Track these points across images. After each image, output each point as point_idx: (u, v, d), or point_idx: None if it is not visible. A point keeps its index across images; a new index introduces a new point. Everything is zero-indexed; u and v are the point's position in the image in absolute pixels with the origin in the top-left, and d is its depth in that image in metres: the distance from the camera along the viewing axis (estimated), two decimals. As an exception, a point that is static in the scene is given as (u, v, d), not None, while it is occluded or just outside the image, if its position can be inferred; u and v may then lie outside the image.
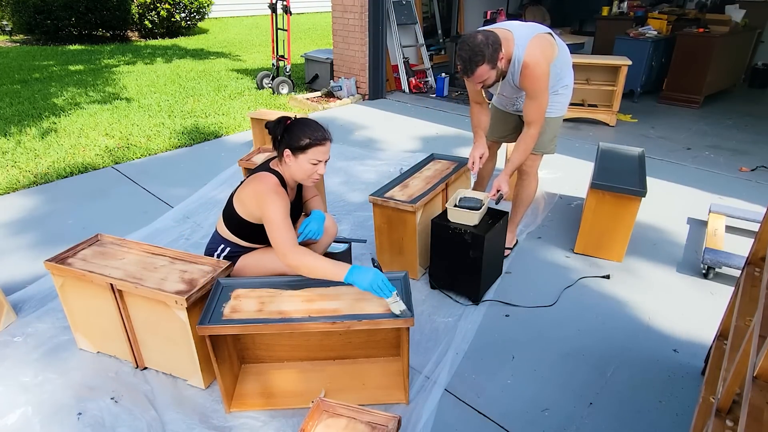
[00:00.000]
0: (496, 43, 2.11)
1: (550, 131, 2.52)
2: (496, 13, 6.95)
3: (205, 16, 11.05)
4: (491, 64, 2.12)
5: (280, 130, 1.92)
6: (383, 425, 1.59)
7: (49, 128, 4.78)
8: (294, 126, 1.92)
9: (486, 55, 2.08)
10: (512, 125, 2.72)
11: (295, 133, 1.91)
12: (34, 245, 2.93)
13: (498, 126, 2.75)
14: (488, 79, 2.19)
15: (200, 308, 1.80)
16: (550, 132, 2.53)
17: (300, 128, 1.91)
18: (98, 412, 1.83)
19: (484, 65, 2.10)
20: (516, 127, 2.70)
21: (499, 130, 2.77)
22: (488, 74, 2.15)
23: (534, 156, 2.60)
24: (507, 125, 2.73)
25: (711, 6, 6.58)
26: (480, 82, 2.20)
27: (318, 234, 2.12)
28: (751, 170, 3.98)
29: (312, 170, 1.94)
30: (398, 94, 6.43)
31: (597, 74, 5.08)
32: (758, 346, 1.05)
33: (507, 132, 2.75)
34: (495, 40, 2.11)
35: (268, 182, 1.93)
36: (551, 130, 2.53)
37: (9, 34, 9.98)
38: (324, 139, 1.92)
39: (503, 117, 2.72)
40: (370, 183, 3.74)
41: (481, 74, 2.14)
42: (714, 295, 2.50)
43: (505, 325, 2.30)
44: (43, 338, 2.20)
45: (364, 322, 1.68)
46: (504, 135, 2.78)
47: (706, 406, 1.55)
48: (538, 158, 2.63)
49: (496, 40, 2.11)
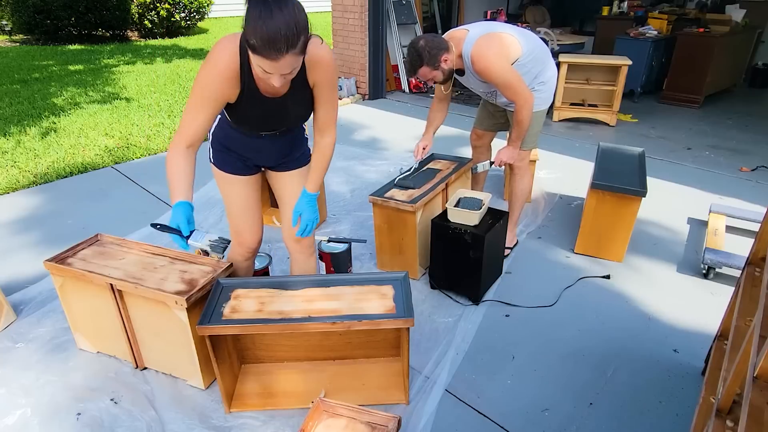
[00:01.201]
0: (435, 48, 2.31)
1: (533, 126, 2.59)
2: (496, 12, 6.94)
3: (205, 15, 11.04)
4: (431, 65, 2.33)
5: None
6: (383, 425, 1.59)
7: (48, 128, 4.78)
8: (249, 9, 1.34)
9: (424, 58, 2.31)
10: (500, 115, 2.82)
11: (248, 21, 1.34)
12: (33, 245, 2.93)
13: (486, 116, 2.88)
14: (435, 77, 2.39)
15: (200, 308, 1.79)
16: (534, 126, 2.60)
17: (253, 20, 1.32)
18: (97, 413, 1.83)
19: (424, 67, 2.33)
20: (505, 117, 2.80)
21: (488, 119, 2.89)
22: (431, 74, 2.37)
23: (523, 152, 2.65)
24: (495, 116, 2.84)
25: (711, 6, 6.57)
26: (427, 79, 2.41)
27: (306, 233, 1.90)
28: (751, 170, 3.98)
29: (263, 75, 1.45)
30: (398, 93, 6.43)
31: (597, 74, 5.08)
32: (759, 347, 1.04)
33: (496, 120, 2.86)
34: (435, 45, 2.31)
35: (216, 47, 1.52)
36: (534, 125, 2.60)
37: (9, 33, 9.97)
38: (271, 55, 1.35)
39: (492, 109, 2.83)
40: (370, 183, 3.74)
41: (423, 74, 2.37)
42: (714, 295, 2.50)
43: (506, 326, 2.30)
44: (42, 338, 2.20)
45: (364, 322, 1.68)
46: (493, 123, 2.88)
47: (706, 406, 1.55)
48: (527, 153, 2.69)
49: (437, 45, 2.31)
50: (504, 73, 2.35)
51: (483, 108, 2.88)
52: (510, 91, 2.39)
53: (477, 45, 2.35)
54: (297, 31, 1.35)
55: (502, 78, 2.36)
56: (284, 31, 1.32)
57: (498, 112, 2.81)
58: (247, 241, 2.00)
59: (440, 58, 2.32)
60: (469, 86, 2.63)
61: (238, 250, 2.02)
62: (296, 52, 1.38)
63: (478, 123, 2.92)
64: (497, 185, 3.69)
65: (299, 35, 1.36)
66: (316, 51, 1.58)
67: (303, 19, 1.37)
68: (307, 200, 1.85)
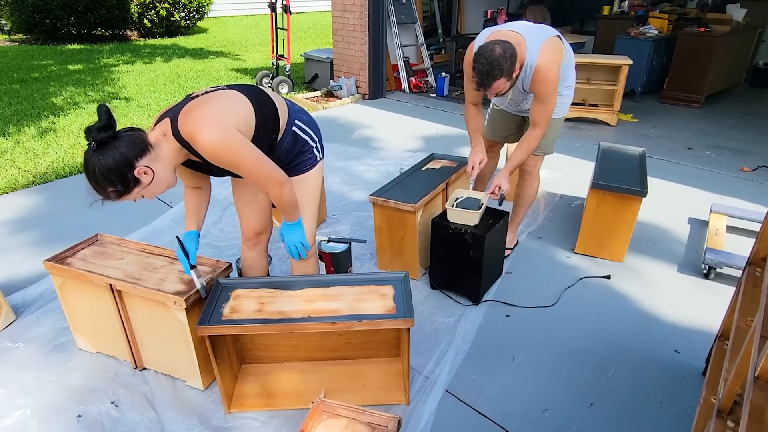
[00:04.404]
0: (513, 56, 2.08)
1: (552, 132, 2.52)
2: (496, 12, 6.94)
3: (205, 15, 11.04)
4: (508, 76, 2.10)
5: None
6: (383, 426, 1.59)
7: (48, 128, 4.78)
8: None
9: (504, 69, 2.06)
10: (514, 126, 2.71)
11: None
12: (33, 245, 2.93)
13: (500, 126, 2.74)
14: (503, 90, 2.18)
15: (199, 309, 1.79)
16: (552, 133, 2.53)
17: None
18: (96, 413, 1.83)
19: (501, 79, 2.09)
20: (518, 127, 2.70)
21: (501, 131, 2.76)
22: (504, 86, 2.14)
23: (535, 157, 2.59)
24: (509, 126, 2.72)
25: (712, 5, 6.56)
26: (495, 93, 2.19)
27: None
28: (752, 170, 3.98)
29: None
30: (398, 93, 6.42)
31: (598, 74, 5.07)
32: (759, 347, 1.04)
33: (509, 132, 2.75)
34: (512, 53, 2.08)
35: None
36: (553, 131, 2.53)
37: (8, 33, 9.97)
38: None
39: (505, 117, 2.70)
40: (370, 183, 3.74)
41: (497, 87, 2.13)
42: (715, 295, 2.49)
43: (506, 326, 2.29)
44: (42, 338, 2.19)
45: (363, 322, 1.68)
46: (506, 135, 2.77)
47: (707, 406, 1.55)
48: (539, 159, 2.62)
49: (513, 53, 2.08)
50: (553, 96, 2.23)
51: (495, 118, 2.73)
52: (543, 113, 2.27)
53: (542, 56, 2.17)
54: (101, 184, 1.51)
55: (549, 98, 2.23)
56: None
57: (511, 122, 2.69)
58: (244, 229, 2.07)
59: (515, 67, 2.11)
60: (505, 95, 2.49)
61: (242, 237, 2.10)
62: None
63: (489, 134, 2.75)
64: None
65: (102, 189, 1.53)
66: (196, 147, 1.58)
67: (106, 168, 1.48)
68: (285, 226, 1.89)
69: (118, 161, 1.48)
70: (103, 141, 1.46)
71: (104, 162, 1.47)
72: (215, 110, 1.57)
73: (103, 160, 1.46)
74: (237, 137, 1.56)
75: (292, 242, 1.91)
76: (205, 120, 1.53)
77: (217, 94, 1.64)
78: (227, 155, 1.55)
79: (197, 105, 1.57)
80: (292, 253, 1.93)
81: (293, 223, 1.87)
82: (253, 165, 1.61)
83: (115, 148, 1.48)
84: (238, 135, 1.56)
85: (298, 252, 1.93)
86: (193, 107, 1.56)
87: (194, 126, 1.52)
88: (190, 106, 1.57)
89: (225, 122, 1.55)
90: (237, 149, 1.56)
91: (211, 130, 1.51)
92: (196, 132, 1.51)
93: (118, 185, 1.51)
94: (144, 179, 1.54)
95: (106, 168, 1.47)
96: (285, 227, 1.89)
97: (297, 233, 1.89)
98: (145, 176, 1.54)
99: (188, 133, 1.53)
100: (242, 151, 1.57)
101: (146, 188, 1.57)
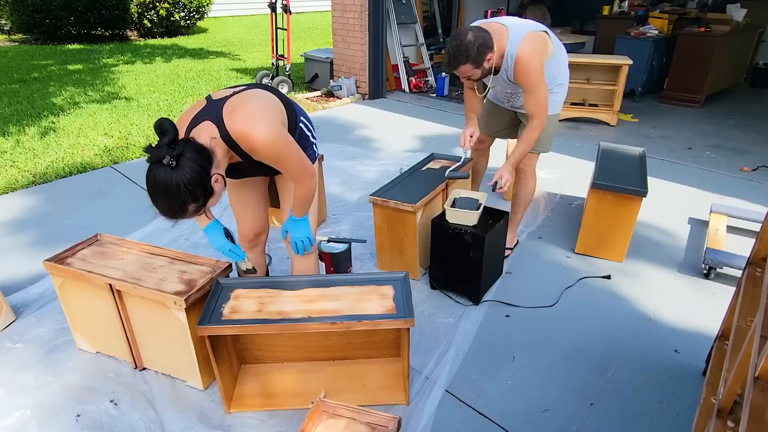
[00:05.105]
0: (484, 45, 2.14)
1: (547, 129, 2.52)
2: (496, 12, 6.95)
3: (205, 15, 11.03)
4: (475, 64, 2.16)
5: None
6: (383, 426, 1.58)
7: (47, 128, 4.78)
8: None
9: (470, 55, 2.13)
10: (506, 120, 2.74)
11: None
12: (33, 245, 2.92)
13: (492, 120, 2.78)
14: (473, 76, 2.24)
15: (199, 309, 1.79)
16: (547, 130, 2.54)
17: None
18: (96, 413, 1.82)
19: (467, 64, 2.16)
20: (511, 122, 2.73)
21: (493, 125, 2.79)
22: (471, 72, 2.20)
23: (531, 155, 2.60)
24: (501, 120, 2.75)
25: (712, 5, 6.56)
26: (464, 77, 2.26)
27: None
28: (752, 170, 3.97)
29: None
30: (398, 93, 6.42)
31: (598, 74, 5.07)
32: (760, 347, 1.04)
33: (501, 127, 2.78)
34: (484, 42, 2.14)
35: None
36: (548, 129, 2.54)
37: (8, 33, 9.96)
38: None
39: (497, 112, 2.74)
40: (370, 183, 3.73)
41: (463, 71, 2.19)
42: (715, 295, 2.49)
43: (506, 326, 2.29)
44: (42, 338, 2.19)
45: (363, 322, 1.68)
46: (498, 130, 2.80)
47: (707, 406, 1.55)
48: (534, 157, 2.64)
49: (484, 42, 2.14)
50: (540, 85, 2.26)
51: (488, 112, 2.78)
52: (536, 105, 2.30)
53: (523, 45, 2.21)
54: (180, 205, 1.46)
55: (536, 88, 2.26)
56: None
57: (504, 117, 2.72)
58: (242, 230, 2.08)
59: (486, 56, 2.16)
60: (487, 81, 2.52)
61: (239, 239, 2.10)
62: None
63: (483, 126, 2.78)
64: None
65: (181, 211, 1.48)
66: (250, 144, 1.58)
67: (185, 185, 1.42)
68: (292, 221, 1.90)
69: (199, 173, 1.43)
70: (179, 156, 1.40)
71: (188, 176, 1.41)
72: (261, 108, 1.59)
73: (187, 174, 1.40)
74: (285, 132, 1.61)
75: (298, 237, 1.92)
76: (257, 117, 1.55)
77: (251, 92, 1.65)
78: (279, 150, 1.59)
79: (240, 104, 1.57)
80: (297, 248, 1.94)
81: (301, 219, 1.89)
82: (297, 158, 1.66)
83: (190, 160, 1.42)
84: (284, 130, 1.61)
85: (303, 247, 1.94)
86: (237, 107, 1.55)
87: (247, 124, 1.53)
88: (232, 106, 1.56)
89: (274, 118, 1.60)
90: (288, 143, 1.61)
91: (265, 126, 1.54)
92: (250, 130, 1.52)
93: (200, 199, 1.47)
94: (217, 188, 1.51)
95: (192, 182, 1.42)
96: (292, 223, 1.90)
97: (304, 228, 1.91)
98: (217, 184, 1.51)
99: (241, 132, 1.53)
100: (291, 145, 1.63)
101: (214, 197, 1.53)
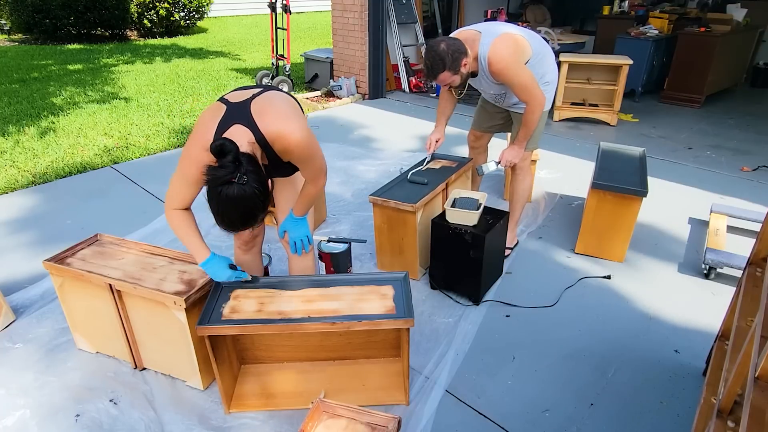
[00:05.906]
0: (457, 51, 2.24)
1: (536, 127, 2.56)
2: (496, 12, 6.94)
3: (204, 15, 11.03)
4: (452, 70, 2.27)
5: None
6: (383, 426, 1.58)
7: (47, 128, 4.77)
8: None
9: (446, 63, 2.24)
10: (499, 117, 2.80)
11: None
12: (32, 245, 2.92)
13: (485, 117, 2.85)
14: (452, 82, 2.34)
15: (199, 309, 1.79)
16: (537, 127, 2.57)
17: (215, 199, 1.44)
18: (96, 413, 1.82)
19: (446, 72, 2.27)
20: (504, 118, 2.78)
21: (487, 121, 2.86)
22: (450, 79, 2.31)
23: (525, 153, 2.64)
24: (494, 117, 2.82)
25: (712, 5, 6.56)
26: (445, 84, 2.37)
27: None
28: (752, 170, 3.97)
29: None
30: (398, 93, 6.42)
31: (598, 74, 5.07)
32: (760, 347, 1.04)
33: (495, 122, 2.84)
34: (457, 48, 2.24)
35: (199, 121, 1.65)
36: (537, 126, 2.57)
37: (7, 33, 9.96)
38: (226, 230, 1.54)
39: (491, 109, 2.80)
40: (370, 183, 3.73)
41: (443, 79, 2.30)
42: (715, 295, 2.49)
43: (506, 326, 2.29)
44: (42, 339, 2.19)
45: (363, 322, 1.68)
46: (492, 125, 2.86)
47: (707, 407, 1.55)
48: (528, 154, 2.68)
49: (458, 48, 2.25)
50: (521, 74, 2.33)
51: (482, 109, 2.86)
52: (525, 92, 2.36)
53: (494, 47, 2.30)
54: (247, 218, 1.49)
55: (519, 79, 2.33)
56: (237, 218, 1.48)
57: (498, 114, 2.79)
58: (240, 233, 2.07)
59: (461, 62, 2.27)
60: (480, 88, 2.62)
61: (236, 242, 2.11)
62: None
63: (476, 124, 2.91)
64: (498, 185, 3.68)
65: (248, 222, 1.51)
66: (285, 145, 1.60)
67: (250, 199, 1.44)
68: (293, 221, 1.92)
69: (264, 183, 1.46)
70: (246, 171, 1.42)
71: (258, 189, 1.44)
72: (287, 108, 1.62)
73: (257, 187, 1.43)
74: (311, 131, 1.64)
75: (298, 236, 1.93)
76: (289, 118, 1.58)
77: (272, 94, 1.67)
78: (310, 149, 1.63)
79: (268, 106, 1.59)
80: (296, 247, 1.95)
81: (301, 218, 1.91)
82: (320, 156, 1.70)
83: (254, 173, 1.44)
84: (310, 129, 1.64)
85: (302, 245, 1.95)
86: (265, 109, 1.58)
87: (282, 125, 1.56)
88: (260, 109, 1.58)
89: (302, 118, 1.64)
90: (316, 142, 1.66)
91: (297, 126, 1.57)
92: (285, 131, 1.55)
93: (267, 205, 1.52)
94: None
95: (263, 193, 1.45)
96: (292, 222, 1.92)
97: (303, 227, 1.94)
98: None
99: (275, 134, 1.56)
100: (317, 144, 1.68)
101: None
